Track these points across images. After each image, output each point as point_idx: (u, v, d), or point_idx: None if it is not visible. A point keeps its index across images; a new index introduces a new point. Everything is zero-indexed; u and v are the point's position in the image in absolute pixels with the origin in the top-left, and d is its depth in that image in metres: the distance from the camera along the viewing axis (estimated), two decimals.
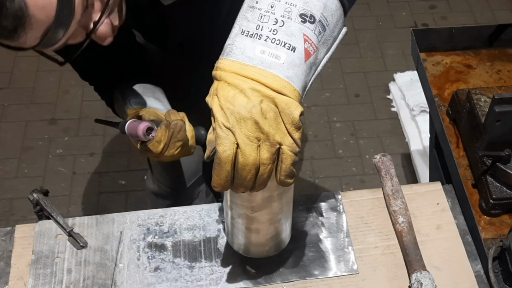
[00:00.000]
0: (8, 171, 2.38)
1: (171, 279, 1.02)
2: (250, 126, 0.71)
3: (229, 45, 0.74)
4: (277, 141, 0.73)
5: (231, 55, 0.73)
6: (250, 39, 0.73)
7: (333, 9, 0.76)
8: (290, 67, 0.72)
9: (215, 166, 0.74)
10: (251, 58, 0.72)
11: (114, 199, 2.31)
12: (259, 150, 0.72)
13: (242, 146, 0.72)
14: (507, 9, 3.03)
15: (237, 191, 0.77)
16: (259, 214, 0.90)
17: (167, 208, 1.12)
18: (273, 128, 0.72)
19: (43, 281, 1.01)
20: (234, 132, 0.71)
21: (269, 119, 0.71)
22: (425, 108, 2.38)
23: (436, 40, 1.41)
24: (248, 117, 0.71)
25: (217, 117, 0.72)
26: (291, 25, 0.73)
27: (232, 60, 0.73)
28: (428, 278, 0.97)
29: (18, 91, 2.66)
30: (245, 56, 0.72)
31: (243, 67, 0.72)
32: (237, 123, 0.71)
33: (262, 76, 0.71)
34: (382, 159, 1.13)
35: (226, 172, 0.74)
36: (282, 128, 0.73)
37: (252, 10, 0.74)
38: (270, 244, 1.00)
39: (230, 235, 1.01)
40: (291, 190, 0.92)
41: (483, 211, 1.13)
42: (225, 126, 0.72)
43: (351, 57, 2.76)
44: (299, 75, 0.73)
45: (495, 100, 1.03)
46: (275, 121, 0.72)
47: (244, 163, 0.72)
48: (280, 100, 0.72)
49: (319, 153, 2.45)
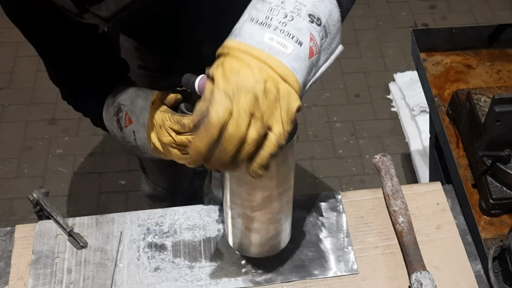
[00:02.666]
0: (8, 171, 2.38)
1: (171, 279, 1.02)
2: (249, 99, 0.70)
3: (237, 28, 0.74)
4: (269, 125, 0.71)
5: (239, 37, 0.73)
6: (259, 26, 0.73)
7: (335, 20, 0.77)
8: (296, 59, 0.72)
9: (200, 131, 0.71)
10: (259, 43, 0.72)
11: (114, 199, 2.31)
12: (249, 128, 0.71)
13: (235, 116, 0.70)
14: (507, 9, 3.03)
15: (211, 165, 0.74)
16: (259, 213, 0.90)
17: (167, 208, 1.12)
18: (269, 110, 0.71)
19: (43, 281, 1.01)
20: (232, 100, 0.70)
21: (269, 100, 0.70)
22: (425, 108, 2.38)
23: (436, 40, 1.42)
24: (251, 90, 0.70)
25: (219, 82, 0.71)
26: (300, 21, 0.73)
27: (240, 41, 0.73)
28: (428, 278, 0.97)
29: (18, 91, 2.66)
30: (253, 39, 0.72)
31: (251, 48, 0.72)
32: (238, 92, 0.70)
33: (270, 60, 0.71)
34: (382, 159, 1.14)
35: (211, 139, 0.71)
36: (277, 114, 0.71)
37: (262, 2, 0.75)
38: (270, 244, 1.00)
39: (230, 235, 1.01)
40: (291, 190, 0.92)
41: (483, 211, 1.13)
42: (225, 92, 0.70)
43: (351, 57, 2.76)
44: (303, 70, 0.73)
45: (495, 100, 1.03)
46: (274, 105, 0.71)
47: (232, 134, 0.70)
48: (283, 86, 0.71)
49: (319, 153, 2.45)
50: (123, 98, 1.00)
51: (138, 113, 0.96)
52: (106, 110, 1.03)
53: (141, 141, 0.97)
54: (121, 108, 0.99)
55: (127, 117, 0.98)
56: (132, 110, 0.97)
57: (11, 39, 2.83)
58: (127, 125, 0.98)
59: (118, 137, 1.02)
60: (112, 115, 1.01)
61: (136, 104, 0.97)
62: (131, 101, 0.98)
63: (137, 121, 0.96)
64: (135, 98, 0.98)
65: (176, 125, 0.89)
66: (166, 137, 0.91)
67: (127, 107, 0.98)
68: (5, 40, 2.84)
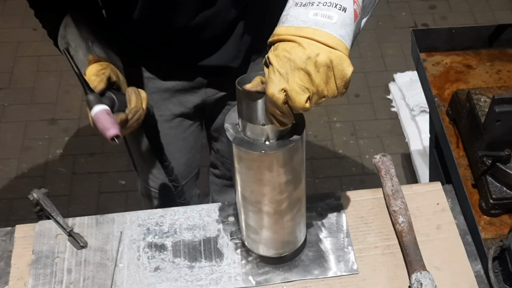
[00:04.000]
0: (8, 171, 2.38)
1: (171, 279, 1.02)
2: (302, 76, 0.74)
3: (284, 15, 0.78)
4: (325, 94, 0.76)
5: (286, 22, 0.77)
6: (303, 7, 0.77)
7: None
8: (342, 26, 0.76)
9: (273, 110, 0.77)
10: (305, 21, 0.76)
11: (114, 199, 2.31)
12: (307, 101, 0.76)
13: (291, 93, 0.75)
14: (507, 9, 3.03)
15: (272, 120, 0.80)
16: (272, 208, 0.91)
17: (167, 208, 1.12)
18: (324, 81, 0.75)
19: (43, 281, 1.01)
20: (287, 79, 0.75)
21: (321, 73, 0.75)
22: (425, 108, 2.38)
23: (436, 40, 1.42)
24: (303, 67, 0.74)
25: (273, 62, 0.75)
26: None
27: (287, 26, 0.76)
28: (428, 278, 0.97)
29: (18, 91, 2.66)
30: (299, 20, 0.76)
31: (298, 29, 0.76)
32: (291, 71, 0.74)
33: (317, 35, 0.75)
34: (382, 159, 1.14)
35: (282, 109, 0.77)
36: (331, 83, 0.76)
37: None
38: (286, 240, 1.00)
39: (244, 230, 1.01)
40: (303, 185, 0.92)
41: (483, 211, 1.13)
42: (278, 71, 0.75)
43: (351, 57, 2.70)
44: (350, 35, 0.77)
45: (495, 100, 1.03)
46: (326, 75, 0.75)
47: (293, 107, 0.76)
48: (335, 55, 0.75)
49: (319, 153, 2.45)
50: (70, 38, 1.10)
51: (79, 63, 1.05)
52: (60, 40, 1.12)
53: None
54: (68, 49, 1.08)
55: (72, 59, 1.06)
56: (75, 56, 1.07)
57: (11, 39, 2.83)
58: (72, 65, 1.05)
59: None
60: (63, 49, 1.08)
61: (78, 56, 1.07)
62: (75, 47, 1.08)
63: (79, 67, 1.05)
64: (78, 48, 1.08)
65: None
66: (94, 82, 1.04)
67: (72, 50, 1.08)
68: (5, 40, 2.84)
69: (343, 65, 0.76)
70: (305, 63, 0.74)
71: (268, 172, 0.84)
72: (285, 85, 0.75)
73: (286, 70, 0.75)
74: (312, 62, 0.74)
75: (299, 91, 0.75)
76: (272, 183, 0.87)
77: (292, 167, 0.86)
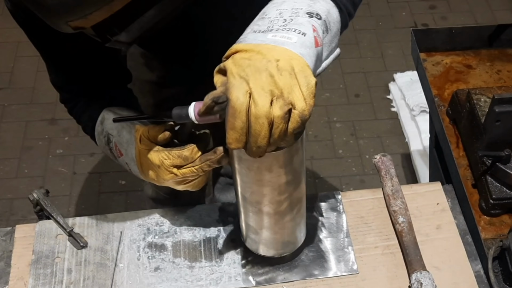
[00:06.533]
0: (8, 171, 2.38)
1: (171, 279, 1.02)
2: (265, 78, 0.70)
3: (241, 38, 0.76)
4: (291, 101, 0.71)
5: (244, 42, 0.74)
6: (261, 33, 0.75)
7: (334, 18, 0.79)
8: (302, 47, 0.73)
9: (228, 120, 0.71)
10: (263, 41, 0.73)
11: (114, 199, 2.30)
12: (272, 106, 0.70)
13: (255, 96, 0.69)
14: (507, 9, 3.03)
15: (253, 153, 0.74)
16: (271, 208, 0.90)
17: (167, 208, 1.12)
18: (288, 86, 0.70)
19: (43, 281, 1.01)
20: (248, 81, 0.70)
21: (284, 76, 0.70)
22: (425, 108, 2.38)
23: (436, 40, 1.42)
24: (264, 69, 0.70)
25: (231, 68, 0.71)
26: (299, 19, 0.75)
27: (245, 43, 0.74)
28: (428, 278, 0.97)
29: (18, 91, 2.66)
30: (257, 40, 0.73)
31: (257, 45, 0.72)
32: (252, 74, 0.70)
33: (276, 52, 0.71)
34: (382, 159, 1.14)
35: (241, 123, 0.70)
36: (297, 90, 0.71)
37: (262, 19, 0.77)
38: (285, 241, 1.00)
39: (244, 230, 1.01)
40: (303, 186, 0.92)
41: (483, 211, 1.13)
42: (239, 75, 0.70)
43: (351, 57, 2.76)
44: (311, 56, 0.73)
45: (495, 100, 1.03)
46: (290, 79, 0.70)
47: (257, 114, 0.70)
48: (296, 61, 0.71)
49: (319, 153, 2.45)
50: (110, 127, 0.99)
51: (125, 146, 0.95)
52: (98, 138, 1.03)
53: (136, 173, 0.96)
54: (110, 138, 0.99)
55: (117, 149, 0.98)
56: (120, 142, 0.96)
57: (11, 39, 2.83)
58: (119, 156, 0.98)
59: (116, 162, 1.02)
60: (104, 144, 1.01)
61: (122, 137, 0.96)
62: (118, 131, 0.97)
63: (126, 154, 0.96)
64: (121, 129, 0.96)
65: (178, 159, 0.87)
66: (167, 175, 0.89)
67: (115, 138, 0.97)
68: (5, 40, 2.84)
69: (306, 72, 0.71)
70: (266, 65, 0.70)
71: (268, 173, 0.84)
72: (247, 87, 0.69)
73: (247, 73, 0.70)
74: (273, 65, 0.70)
75: (262, 93, 0.69)
76: (272, 183, 0.87)
77: (292, 168, 0.86)
